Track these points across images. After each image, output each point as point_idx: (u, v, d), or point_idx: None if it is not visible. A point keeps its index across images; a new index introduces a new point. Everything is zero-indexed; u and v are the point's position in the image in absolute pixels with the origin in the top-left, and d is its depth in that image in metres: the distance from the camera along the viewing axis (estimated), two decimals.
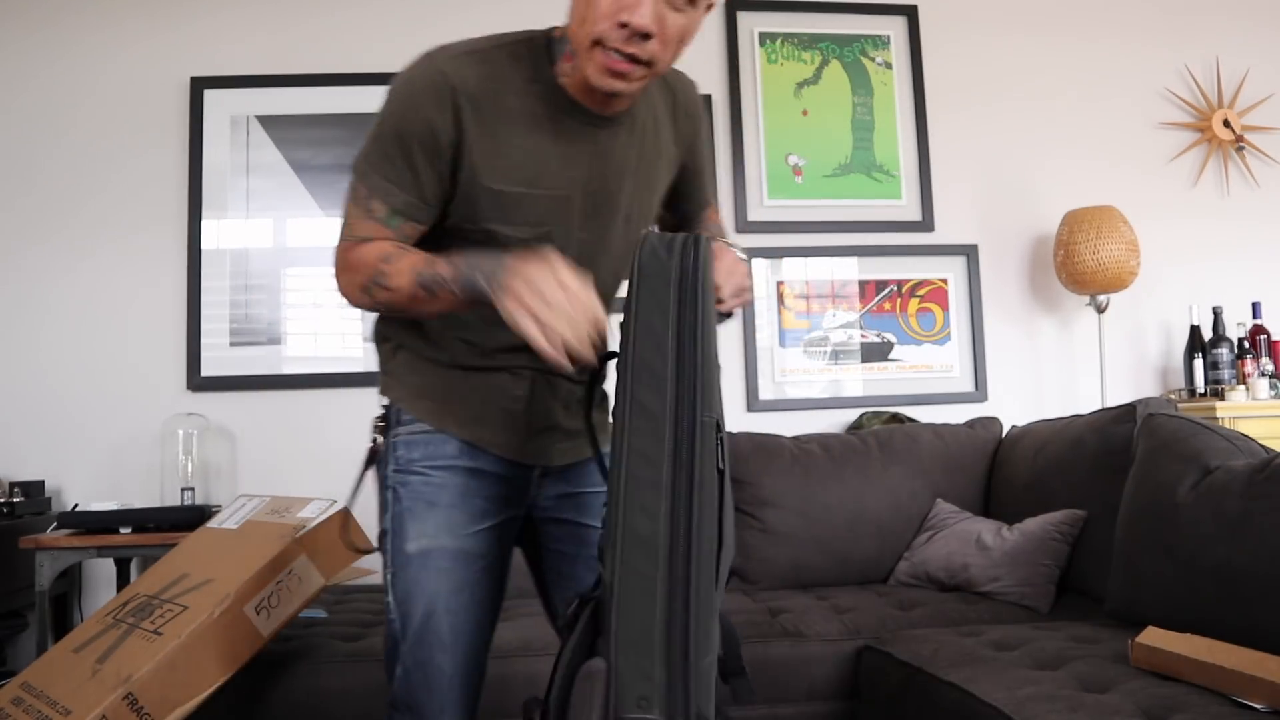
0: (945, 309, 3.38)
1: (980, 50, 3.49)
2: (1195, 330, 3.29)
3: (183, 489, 2.90)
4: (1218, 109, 3.55)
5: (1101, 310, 3.24)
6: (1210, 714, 1.36)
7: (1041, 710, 1.46)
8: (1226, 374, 3.20)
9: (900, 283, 3.37)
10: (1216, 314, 3.27)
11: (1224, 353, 3.21)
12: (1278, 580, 1.57)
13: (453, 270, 1.19)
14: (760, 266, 3.31)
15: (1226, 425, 2.47)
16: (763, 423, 3.18)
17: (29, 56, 3.14)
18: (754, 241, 3.31)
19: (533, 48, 1.28)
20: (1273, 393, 3.12)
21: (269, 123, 3.17)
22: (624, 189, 1.35)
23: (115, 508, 2.72)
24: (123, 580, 2.86)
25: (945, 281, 3.39)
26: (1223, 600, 1.67)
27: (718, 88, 3.36)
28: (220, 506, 2.76)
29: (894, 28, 3.45)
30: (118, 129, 3.14)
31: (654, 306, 1.09)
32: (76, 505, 2.87)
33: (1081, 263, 3.14)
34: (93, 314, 3.08)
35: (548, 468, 1.41)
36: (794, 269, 3.33)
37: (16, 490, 2.81)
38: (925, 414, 3.26)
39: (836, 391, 3.31)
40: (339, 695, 2.00)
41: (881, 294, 3.36)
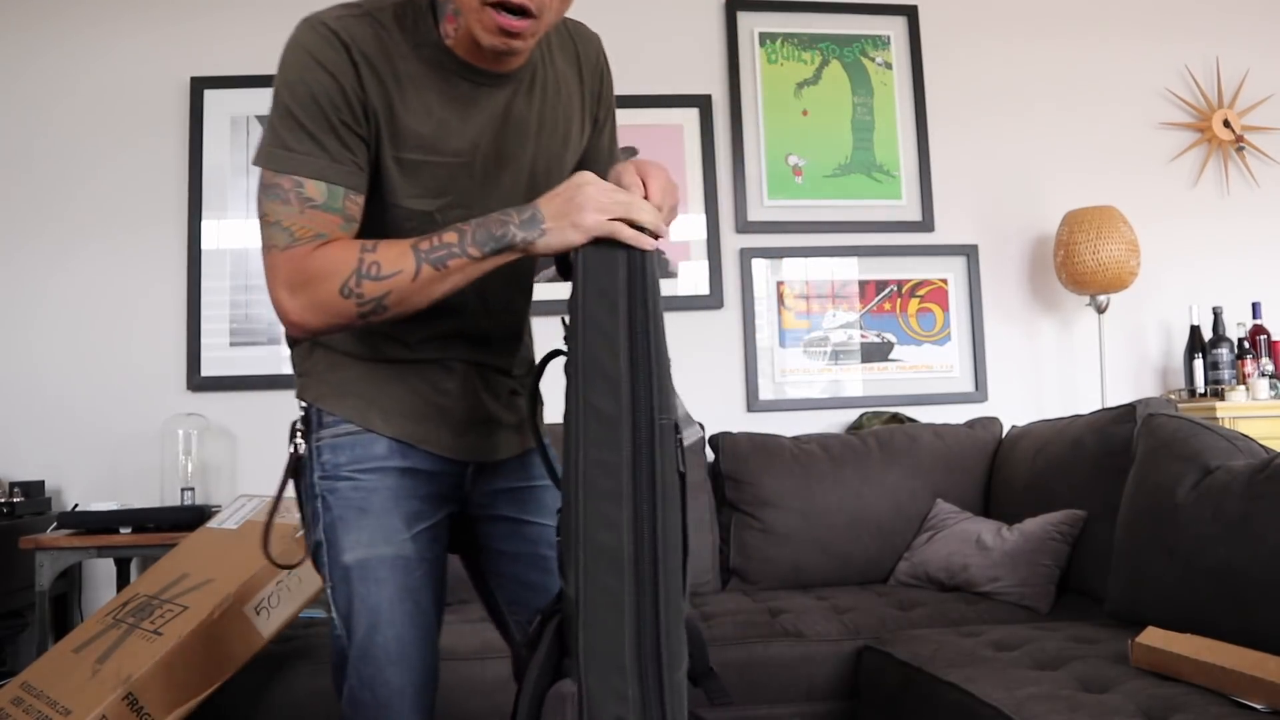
0: (945, 309, 3.38)
1: (980, 50, 3.49)
2: (1195, 330, 3.29)
3: (183, 489, 2.90)
4: (1218, 109, 3.55)
5: (1101, 310, 3.24)
6: (1210, 714, 1.36)
7: (1041, 710, 1.46)
8: (1226, 374, 3.20)
9: (900, 283, 3.37)
10: (1216, 314, 3.27)
11: (1224, 353, 3.21)
12: (1278, 580, 1.57)
13: (458, 234, 1.11)
14: (760, 266, 3.31)
15: (1226, 425, 2.47)
16: (763, 423, 3.18)
17: (29, 57, 3.14)
18: (754, 242, 3.31)
19: (415, 9, 1.19)
20: (1273, 393, 3.12)
21: None
22: (527, 150, 1.26)
23: (115, 508, 2.72)
24: (123, 580, 2.86)
25: (945, 281, 3.39)
26: (1223, 600, 1.67)
27: (718, 88, 3.36)
28: (220, 506, 2.76)
29: (894, 28, 3.45)
30: (118, 129, 3.14)
31: (601, 302, 1.02)
32: (76, 505, 2.87)
33: (1081, 263, 3.14)
34: (93, 314, 3.08)
35: (481, 464, 1.33)
36: (794, 269, 3.33)
37: (16, 490, 2.81)
38: (925, 414, 3.26)
39: (836, 392, 3.31)
40: None
41: (881, 294, 3.35)
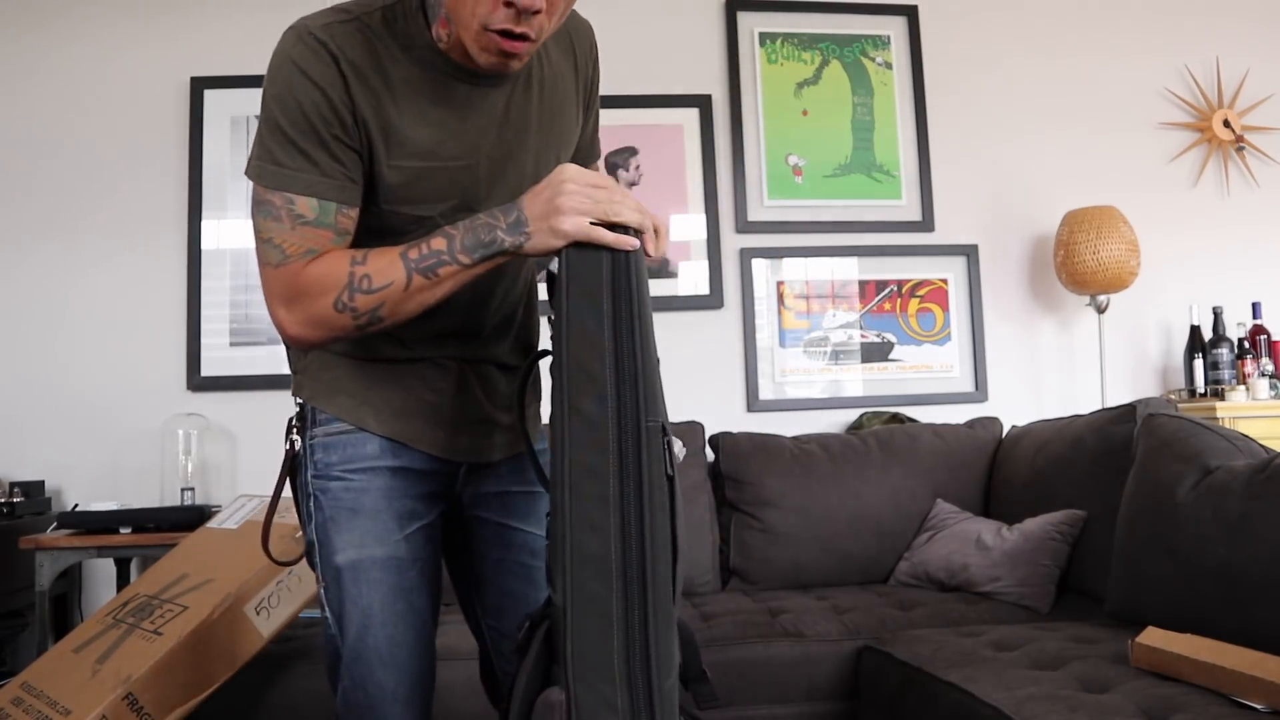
0: (945, 309, 3.38)
1: (980, 50, 3.49)
2: (1195, 330, 3.29)
3: (183, 489, 2.90)
4: (1218, 109, 3.55)
5: (1101, 310, 3.24)
6: (1210, 714, 1.36)
7: (1041, 710, 1.46)
8: (1226, 374, 3.20)
9: (900, 283, 3.36)
10: (1216, 314, 3.27)
11: (1224, 353, 3.21)
12: (1278, 580, 1.57)
13: (446, 239, 1.10)
14: (760, 266, 3.31)
15: (1226, 425, 2.47)
16: (763, 423, 3.18)
17: (29, 57, 3.14)
18: (754, 242, 3.31)
19: (405, 11, 1.16)
20: (1273, 393, 3.12)
21: None
22: (529, 149, 1.25)
23: (115, 508, 2.72)
24: (123, 580, 2.86)
25: (945, 281, 3.39)
26: (1223, 600, 1.67)
27: (718, 88, 3.36)
28: (220, 506, 2.76)
29: (894, 28, 3.45)
30: (118, 129, 3.14)
31: (586, 305, 1.01)
32: (76, 505, 2.87)
33: (1081, 263, 3.14)
34: (93, 314, 3.08)
35: (474, 464, 1.32)
36: (794, 269, 3.33)
37: (16, 490, 2.81)
38: (925, 414, 3.26)
39: (836, 391, 3.31)
40: None
41: (881, 294, 3.35)
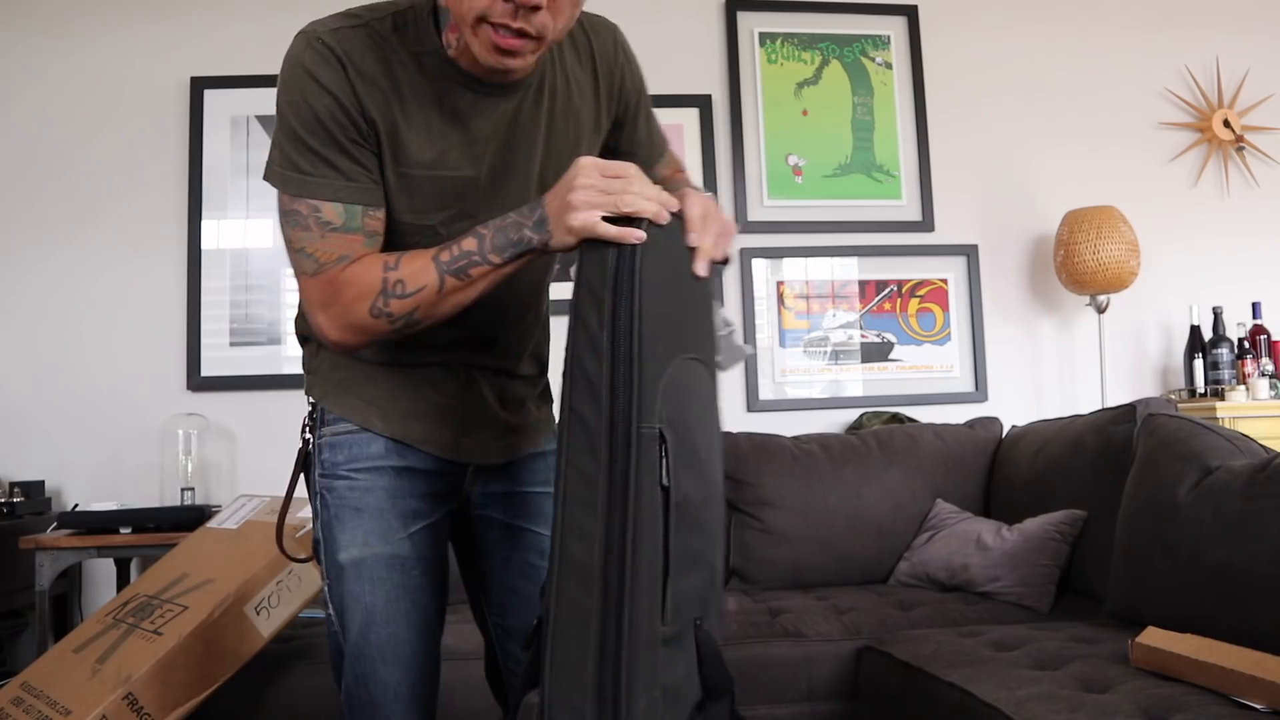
0: (945, 309, 3.38)
1: (980, 50, 3.49)
2: (1195, 330, 3.29)
3: (183, 489, 2.90)
4: (1218, 109, 3.55)
5: (1101, 310, 3.24)
6: (1210, 714, 1.36)
7: (1041, 710, 1.46)
8: (1226, 374, 3.20)
9: (900, 283, 3.36)
10: (1216, 314, 3.27)
11: (1224, 353, 3.21)
12: (1278, 580, 1.57)
13: (477, 239, 1.09)
14: (760, 266, 3.31)
15: (1226, 425, 2.47)
16: (763, 423, 3.18)
17: (28, 57, 3.14)
18: (754, 242, 3.31)
19: (416, 17, 1.16)
20: (1273, 393, 3.12)
21: (269, 123, 3.17)
22: (535, 159, 1.23)
23: (115, 508, 2.72)
24: (123, 580, 2.86)
25: (945, 281, 3.39)
26: (1223, 600, 1.67)
27: (718, 88, 3.36)
28: (220, 506, 2.76)
29: (894, 28, 3.45)
30: (118, 129, 3.14)
31: (591, 304, 0.96)
32: (76, 505, 2.87)
33: (1081, 263, 3.14)
34: (93, 314, 3.08)
35: (483, 464, 1.32)
36: (794, 269, 3.33)
37: (16, 490, 2.82)
38: (925, 414, 3.26)
39: (836, 391, 3.31)
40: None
41: (881, 294, 3.35)
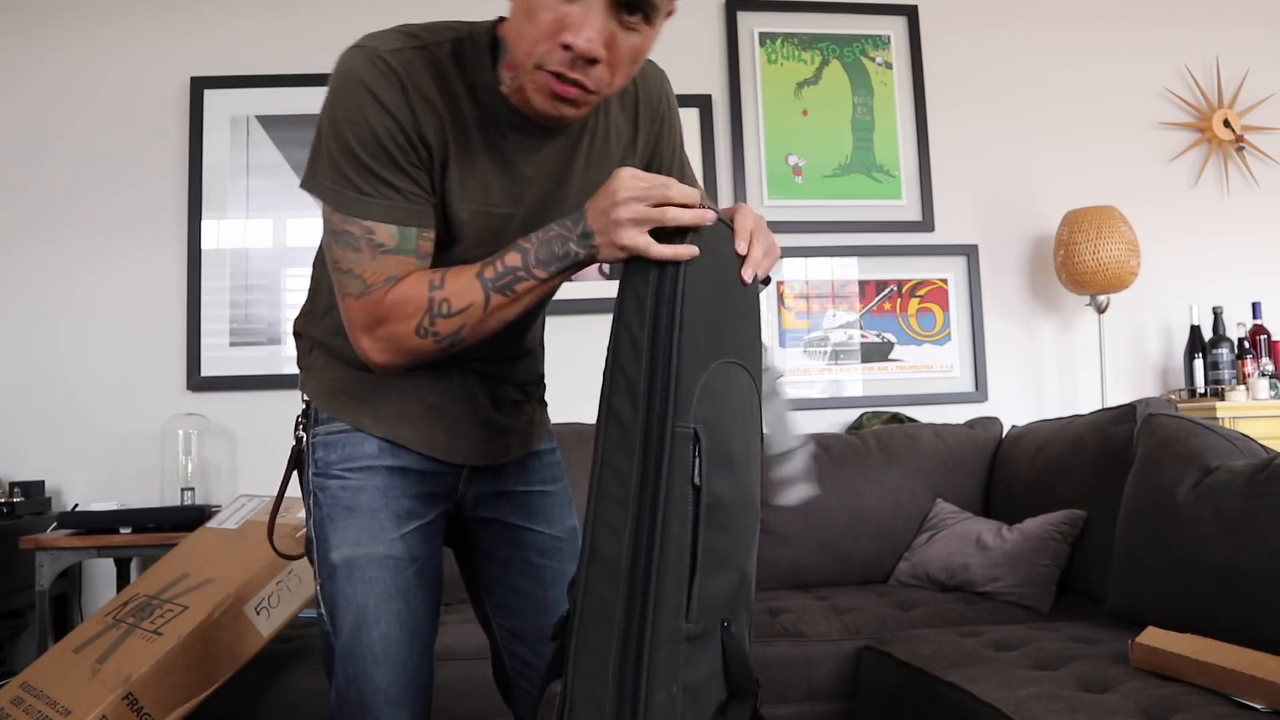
0: (945, 309, 3.38)
1: (980, 50, 3.49)
2: (1195, 330, 3.29)
3: (183, 489, 2.90)
4: (1218, 109, 3.55)
5: (1101, 310, 3.24)
6: (1210, 714, 1.36)
7: (1041, 710, 1.46)
8: (1226, 374, 3.20)
9: (900, 283, 3.37)
10: (1216, 314, 3.27)
11: (1224, 353, 3.21)
12: (1278, 580, 1.57)
13: (520, 254, 1.08)
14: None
15: (1226, 425, 2.47)
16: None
17: (29, 57, 3.14)
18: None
19: (474, 46, 1.13)
20: (1273, 393, 3.11)
21: (269, 123, 3.17)
22: (568, 203, 1.21)
23: (115, 508, 2.72)
24: (123, 580, 2.86)
25: (945, 281, 3.39)
26: (1223, 600, 1.67)
27: (718, 88, 3.36)
28: (220, 506, 2.76)
29: (894, 28, 3.45)
30: (118, 129, 3.14)
31: (634, 307, 1.02)
32: (76, 505, 2.87)
33: (1081, 263, 3.14)
34: (92, 314, 3.08)
35: (478, 465, 1.31)
36: (794, 269, 3.33)
37: (16, 490, 2.82)
38: (925, 414, 3.26)
39: (836, 391, 3.31)
40: None
41: (881, 294, 3.35)
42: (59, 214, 3.10)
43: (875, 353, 3.34)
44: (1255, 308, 3.30)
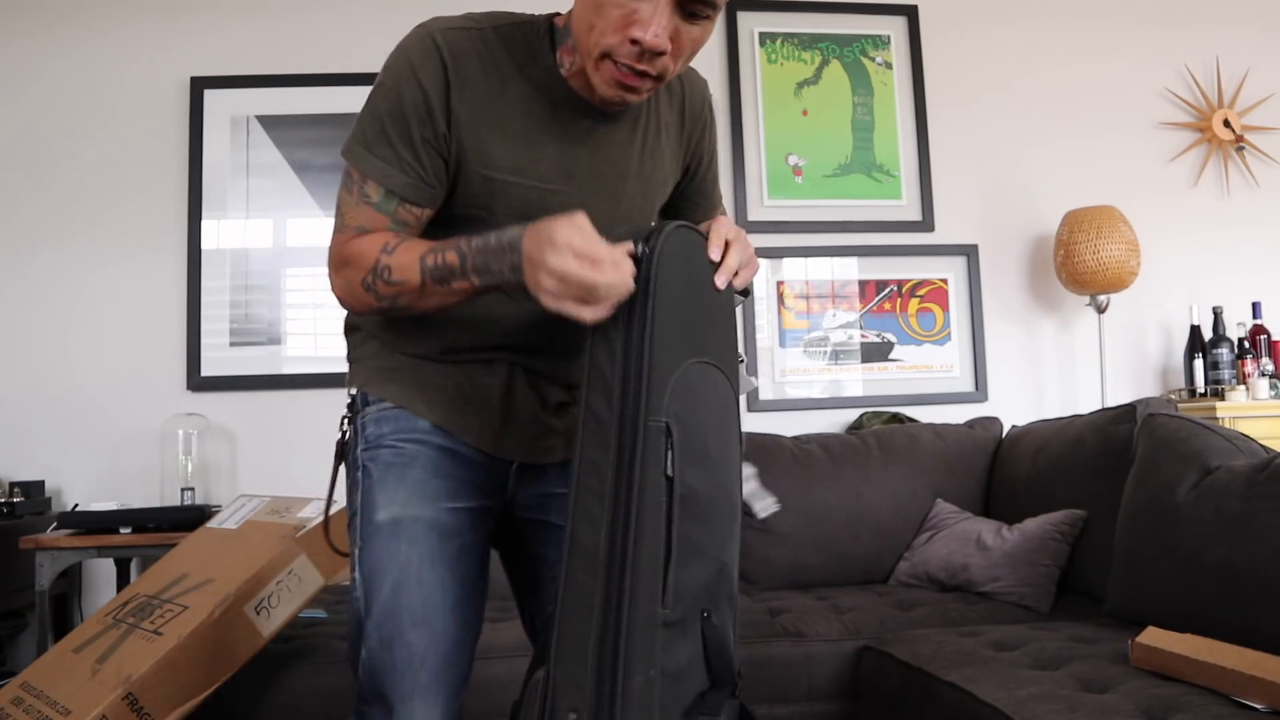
0: (945, 309, 3.38)
1: (980, 50, 3.49)
2: (1195, 330, 3.29)
3: (183, 489, 2.90)
4: (1218, 109, 3.55)
5: (1101, 310, 3.24)
6: (1210, 714, 1.36)
7: (1041, 710, 1.46)
8: (1227, 374, 3.20)
9: (900, 283, 3.37)
10: (1216, 314, 3.27)
11: (1224, 353, 3.21)
12: (1278, 580, 1.57)
13: (459, 256, 1.11)
14: (760, 266, 3.31)
15: (1226, 425, 2.47)
16: (763, 423, 3.18)
17: (29, 57, 3.14)
18: (754, 242, 3.26)
19: (533, 31, 1.21)
20: (1273, 393, 3.11)
21: (269, 123, 3.17)
22: (626, 191, 1.27)
23: (115, 508, 2.72)
24: (123, 580, 2.86)
25: (945, 281, 3.39)
26: (1223, 600, 1.67)
27: (718, 88, 3.36)
28: (220, 506, 2.76)
29: (894, 28, 3.45)
30: (118, 129, 3.14)
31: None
32: (76, 505, 2.87)
33: (1081, 263, 3.14)
34: (93, 314, 3.08)
35: (526, 464, 1.31)
36: (794, 269, 3.33)
37: (16, 490, 2.82)
38: (925, 414, 3.26)
39: (836, 391, 3.31)
40: (339, 695, 2.00)
41: (881, 294, 3.36)
42: (59, 214, 3.10)
43: (875, 353, 3.34)
44: (1255, 308, 3.30)
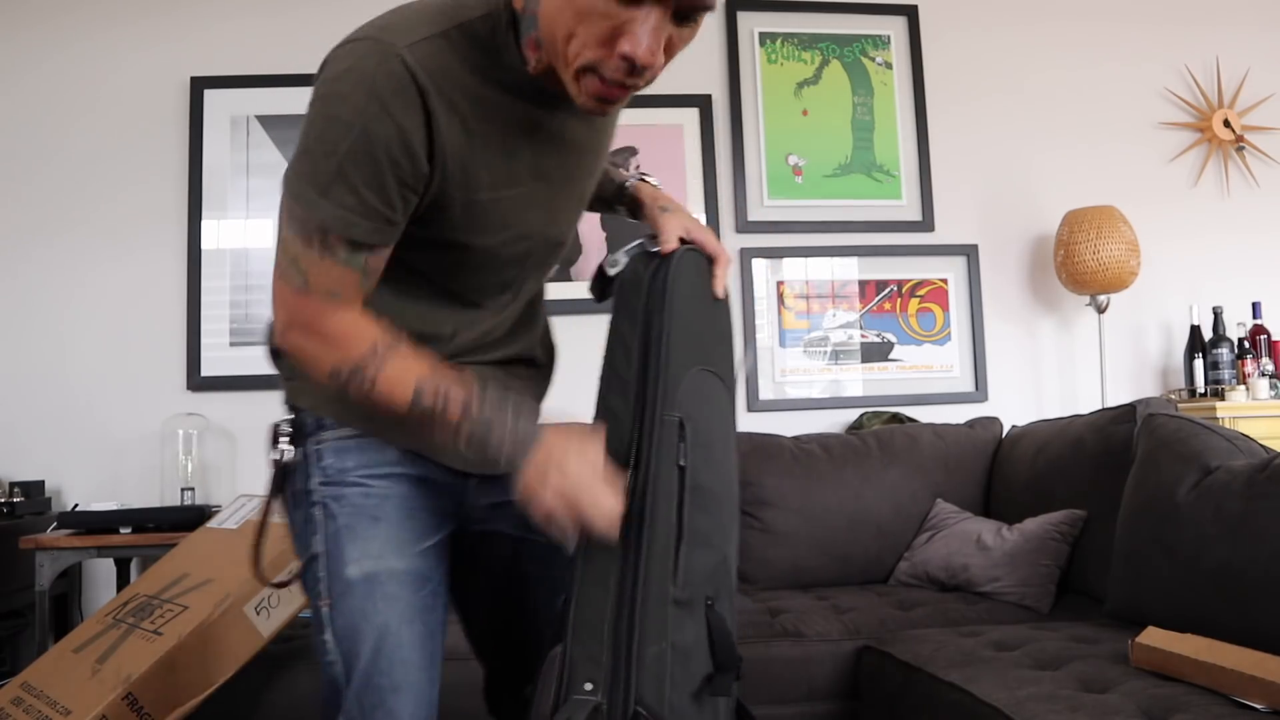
0: (945, 309, 3.38)
1: (980, 50, 3.49)
2: (1195, 330, 3.29)
3: (183, 489, 2.90)
4: (1218, 109, 3.55)
5: (1101, 310, 3.24)
6: (1210, 714, 1.36)
7: (1041, 710, 1.46)
8: (1227, 374, 3.20)
9: (900, 283, 3.37)
10: (1216, 314, 3.27)
11: (1224, 353, 3.21)
12: (1278, 580, 1.57)
13: (461, 410, 1.04)
14: (760, 266, 3.31)
15: (1226, 425, 2.47)
16: (763, 423, 3.18)
17: (29, 57, 3.14)
18: (754, 241, 3.31)
19: (493, 25, 1.04)
20: (1273, 393, 3.12)
21: (269, 123, 3.17)
22: (582, 172, 1.19)
23: (115, 508, 2.72)
24: (123, 580, 2.86)
25: (945, 281, 3.39)
26: (1223, 600, 1.67)
27: (718, 88, 3.36)
28: (220, 506, 2.76)
29: (894, 28, 3.45)
30: (118, 129, 3.14)
31: (625, 315, 1.14)
32: (76, 505, 2.87)
33: (1081, 263, 3.14)
34: (93, 314, 3.08)
35: (484, 475, 1.23)
36: (794, 269, 3.33)
37: (16, 490, 2.82)
38: (925, 414, 3.26)
39: (836, 391, 3.31)
40: None
41: (881, 294, 3.35)
42: (59, 214, 3.10)
43: (875, 353, 3.34)
44: (1255, 308, 3.30)
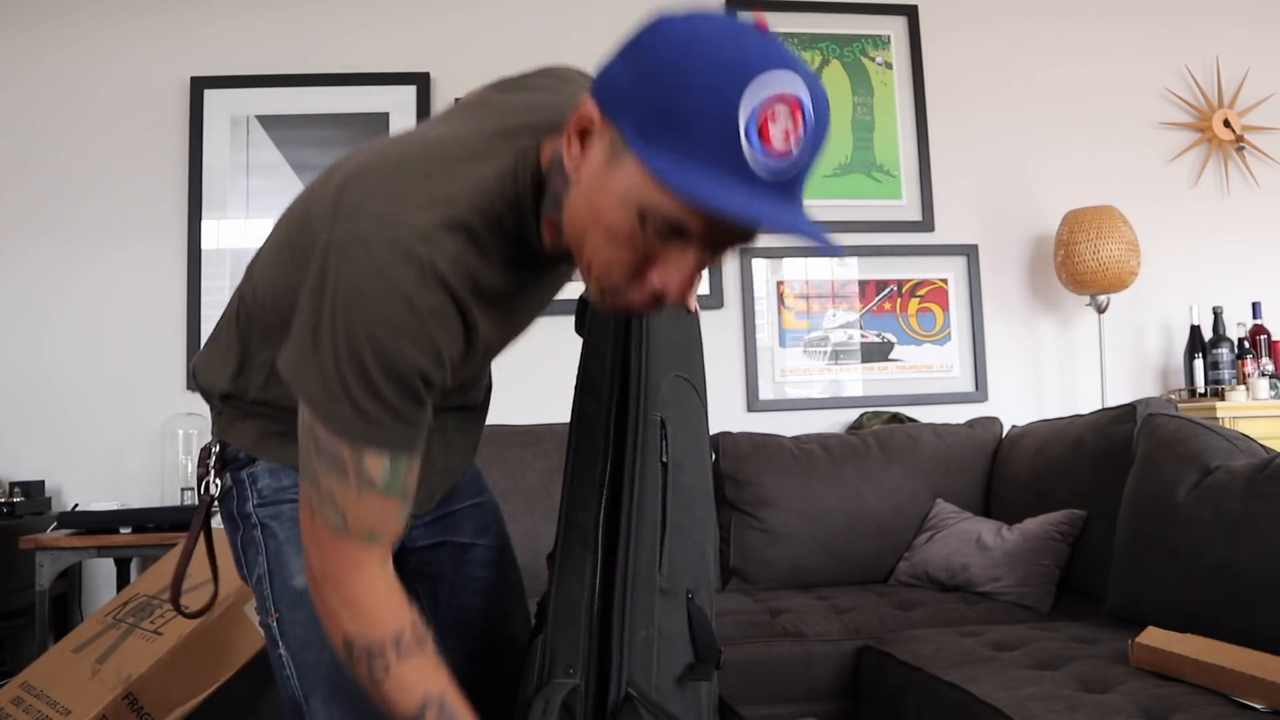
0: (945, 309, 3.38)
1: (980, 50, 3.49)
2: (1195, 330, 3.29)
3: (183, 489, 2.90)
4: (1218, 109, 3.55)
5: (1101, 310, 3.24)
6: (1210, 714, 1.36)
7: (1041, 710, 1.46)
8: (1227, 374, 3.20)
9: (900, 283, 3.36)
10: (1216, 314, 3.27)
11: (1224, 353, 3.21)
12: (1278, 580, 1.57)
13: None
14: (760, 266, 3.31)
15: (1226, 425, 2.47)
16: (763, 423, 3.18)
17: (29, 57, 3.14)
18: (754, 241, 3.30)
19: (518, 207, 0.96)
20: (1273, 393, 3.11)
21: (269, 123, 3.17)
22: (563, 282, 1.16)
23: (115, 508, 2.72)
24: (123, 580, 2.86)
25: (945, 281, 3.39)
26: (1223, 600, 1.67)
27: None
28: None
29: (894, 28, 3.45)
30: (118, 129, 3.14)
31: (598, 325, 1.20)
32: (76, 505, 2.87)
33: (1081, 263, 3.14)
34: (93, 314, 3.08)
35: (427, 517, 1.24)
36: (794, 269, 3.33)
37: (16, 490, 2.81)
38: (925, 414, 3.26)
39: (836, 391, 3.31)
40: None
41: (881, 294, 3.35)
42: (59, 214, 3.10)
43: (875, 353, 3.34)
44: (1255, 308, 3.29)
